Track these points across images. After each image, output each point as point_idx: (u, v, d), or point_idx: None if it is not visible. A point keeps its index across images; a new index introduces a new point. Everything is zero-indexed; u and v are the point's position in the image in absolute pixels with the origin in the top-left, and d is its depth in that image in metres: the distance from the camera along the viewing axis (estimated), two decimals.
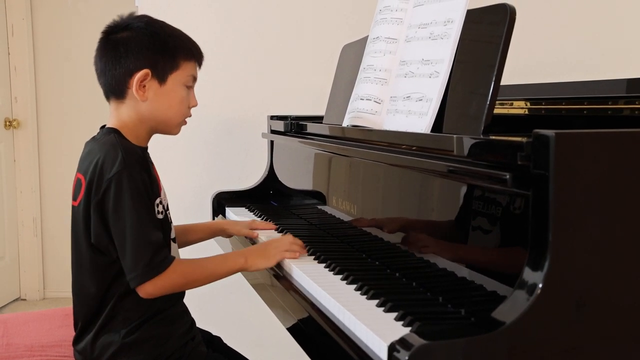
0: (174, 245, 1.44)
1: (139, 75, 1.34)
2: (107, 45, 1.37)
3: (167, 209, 1.42)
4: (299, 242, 1.47)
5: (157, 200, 1.35)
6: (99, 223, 1.30)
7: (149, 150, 1.45)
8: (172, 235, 1.44)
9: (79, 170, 1.37)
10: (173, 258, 1.31)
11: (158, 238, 1.29)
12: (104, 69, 1.37)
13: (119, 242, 1.28)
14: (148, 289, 1.28)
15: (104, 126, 1.43)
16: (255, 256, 1.42)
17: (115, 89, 1.37)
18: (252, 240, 1.69)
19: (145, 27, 1.37)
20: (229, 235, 1.78)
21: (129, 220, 1.26)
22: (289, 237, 1.48)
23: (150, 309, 1.34)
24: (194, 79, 1.43)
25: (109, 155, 1.29)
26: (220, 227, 1.76)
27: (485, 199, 1.04)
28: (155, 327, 1.35)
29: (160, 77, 1.37)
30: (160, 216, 1.35)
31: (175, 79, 1.38)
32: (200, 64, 1.44)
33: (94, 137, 1.41)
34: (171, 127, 1.43)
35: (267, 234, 1.69)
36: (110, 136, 1.34)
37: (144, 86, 1.36)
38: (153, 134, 1.44)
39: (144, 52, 1.35)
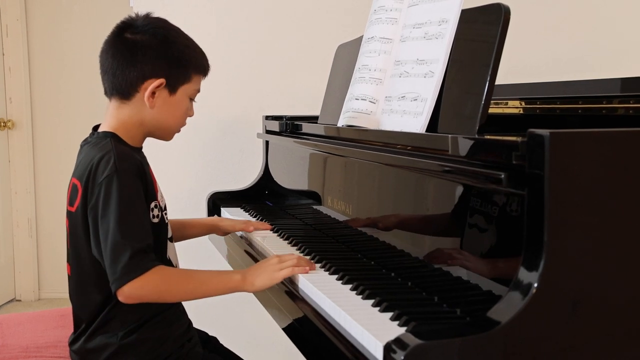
0: (170, 245, 1.44)
1: (154, 83, 1.34)
2: (122, 45, 1.35)
3: (165, 209, 1.41)
4: (305, 258, 1.36)
5: (153, 204, 1.34)
6: (92, 229, 1.28)
7: (144, 151, 1.44)
8: (169, 234, 1.44)
9: (74, 175, 1.35)
10: (157, 263, 1.25)
11: (142, 243, 1.24)
12: (114, 68, 1.35)
13: (103, 247, 1.24)
14: (125, 291, 1.22)
15: (96, 126, 1.42)
16: (254, 274, 1.29)
17: (123, 90, 1.36)
18: (248, 241, 1.69)
19: (165, 34, 1.36)
20: (224, 233, 1.78)
21: (112, 224, 1.23)
22: (294, 255, 1.35)
23: (148, 311, 1.34)
24: (198, 91, 1.44)
25: (102, 160, 1.28)
26: (215, 223, 1.77)
27: (481, 199, 1.04)
28: (153, 329, 1.35)
29: (172, 87, 1.37)
30: (155, 220, 1.34)
31: (185, 90, 1.39)
32: (205, 77, 1.46)
33: (88, 141, 1.39)
34: (168, 135, 1.44)
35: (263, 234, 1.69)
36: (106, 140, 1.33)
37: (154, 93, 1.35)
38: (147, 137, 1.44)
39: (161, 60, 1.34)
